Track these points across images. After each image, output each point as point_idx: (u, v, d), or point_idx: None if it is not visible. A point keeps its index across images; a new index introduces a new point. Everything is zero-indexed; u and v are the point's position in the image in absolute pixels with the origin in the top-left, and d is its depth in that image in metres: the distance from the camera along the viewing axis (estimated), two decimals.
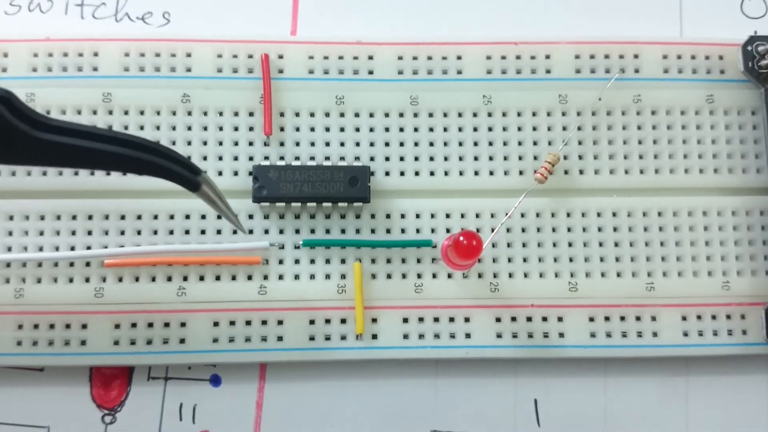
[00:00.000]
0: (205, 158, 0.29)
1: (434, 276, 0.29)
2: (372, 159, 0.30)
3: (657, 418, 0.29)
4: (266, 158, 0.29)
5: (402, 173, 0.30)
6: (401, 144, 0.30)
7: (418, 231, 0.29)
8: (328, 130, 0.30)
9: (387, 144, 0.30)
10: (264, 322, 0.28)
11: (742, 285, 0.29)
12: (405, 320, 0.29)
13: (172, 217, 0.29)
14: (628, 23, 0.33)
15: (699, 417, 0.30)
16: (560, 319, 0.29)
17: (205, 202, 0.24)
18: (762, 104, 0.30)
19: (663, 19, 0.33)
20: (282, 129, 0.30)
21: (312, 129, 0.30)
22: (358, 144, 0.30)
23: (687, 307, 0.29)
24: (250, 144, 0.29)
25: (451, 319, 0.29)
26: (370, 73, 0.30)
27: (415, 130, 0.30)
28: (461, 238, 0.26)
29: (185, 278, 0.28)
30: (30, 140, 0.21)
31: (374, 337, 0.28)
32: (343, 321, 0.28)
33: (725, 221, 0.30)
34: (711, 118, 0.30)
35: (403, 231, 0.29)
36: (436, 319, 0.29)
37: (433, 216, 0.29)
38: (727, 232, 0.30)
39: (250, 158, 0.29)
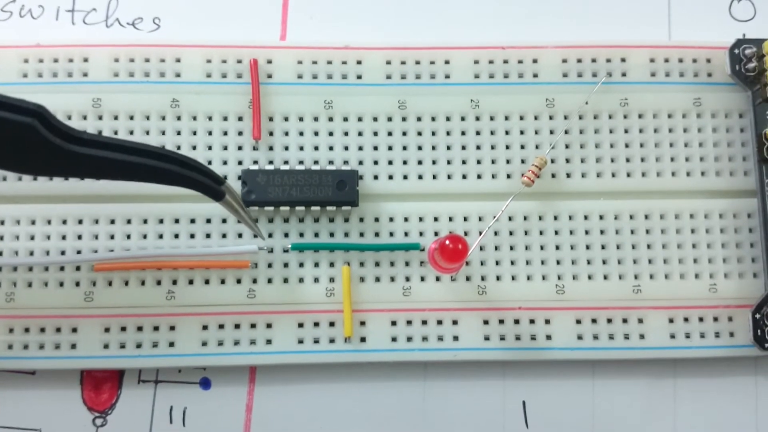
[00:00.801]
0: None
1: (422, 279, 0.29)
2: (360, 163, 0.30)
3: (645, 420, 0.30)
4: (255, 162, 0.29)
5: (390, 177, 0.30)
6: (389, 148, 0.30)
7: (406, 234, 0.29)
8: (316, 134, 0.30)
9: (375, 148, 0.30)
10: (253, 326, 0.28)
11: (729, 287, 0.29)
12: (393, 323, 0.29)
13: (161, 221, 0.29)
14: (616, 27, 0.33)
15: (686, 418, 0.30)
16: (547, 322, 0.29)
17: (227, 210, 0.25)
18: (749, 107, 0.30)
19: (651, 23, 0.33)
20: (271, 133, 0.30)
21: (301, 133, 0.30)
22: (346, 148, 0.30)
23: (674, 309, 0.29)
24: (239, 148, 0.30)
25: (439, 322, 0.29)
26: (359, 77, 0.30)
27: (404, 134, 0.30)
28: (447, 242, 0.26)
29: (174, 282, 0.28)
30: (64, 154, 0.22)
31: (363, 339, 0.28)
32: (332, 324, 0.28)
33: (712, 224, 0.30)
34: (698, 121, 0.31)
35: (391, 234, 0.29)
36: (424, 322, 0.29)
37: (421, 219, 0.29)
38: (714, 235, 0.30)
39: (239, 162, 0.29)
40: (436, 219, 0.29)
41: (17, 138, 0.21)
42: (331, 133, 0.30)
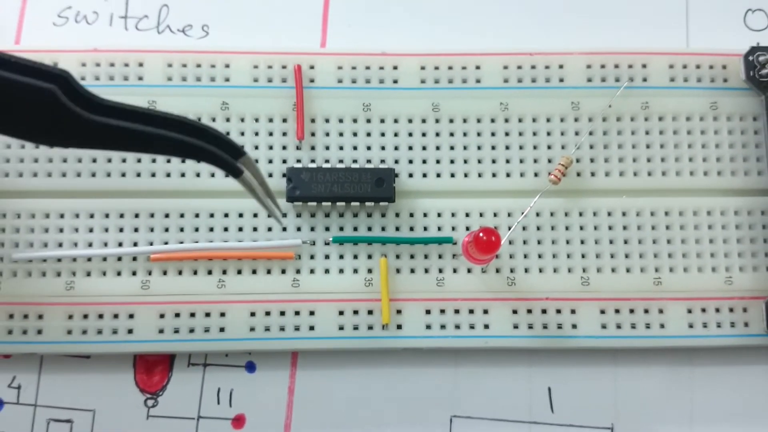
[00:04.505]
0: None
1: (455, 271, 0.30)
2: (396, 162, 0.31)
3: (664, 406, 0.31)
4: (299, 161, 0.31)
5: (425, 175, 0.31)
6: (424, 148, 0.31)
7: (439, 229, 0.31)
8: (355, 135, 0.31)
9: (410, 148, 0.31)
10: (297, 313, 0.30)
11: (743, 280, 0.30)
12: (428, 312, 0.30)
13: (212, 215, 0.30)
14: (637, 35, 0.34)
15: (703, 404, 0.31)
16: (573, 312, 0.30)
17: (244, 188, 0.24)
18: (763, 111, 0.31)
19: (670, 31, 0.34)
20: (313, 134, 0.31)
21: (341, 134, 0.31)
22: (383, 148, 0.31)
23: (692, 300, 0.30)
24: (284, 148, 0.31)
25: (471, 311, 0.30)
26: (395, 82, 0.32)
27: (437, 135, 0.31)
28: (481, 234, 0.27)
29: (224, 272, 0.30)
30: (82, 122, 0.21)
31: (399, 327, 0.30)
32: (370, 312, 0.30)
33: (728, 220, 0.31)
34: (715, 124, 0.32)
35: (425, 229, 0.31)
36: (457, 311, 0.30)
37: (453, 215, 0.31)
38: (729, 231, 0.31)
39: (284, 161, 0.31)
40: (467, 214, 0.31)
41: (36, 104, 0.20)
42: (369, 134, 0.31)
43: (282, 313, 0.30)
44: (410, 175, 0.31)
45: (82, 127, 0.21)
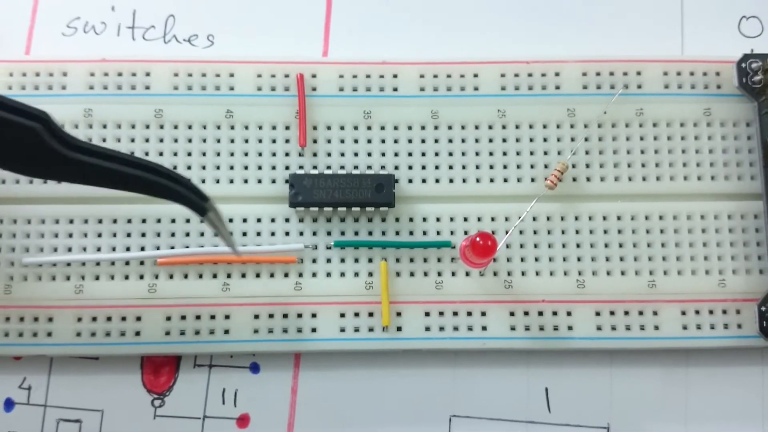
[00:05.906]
0: (246, 167, 0.31)
1: (453, 274, 0.31)
2: (396, 168, 0.32)
3: (659, 405, 0.31)
4: (301, 167, 0.31)
5: (424, 180, 0.32)
6: (423, 154, 0.32)
7: (438, 233, 0.31)
8: (356, 141, 0.32)
9: (410, 154, 0.32)
10: (299, 315, 0.30)
11: (736, 283, 0.31)
12: (427, 314, 0.30)
13: None
14: (632, 42, 0.34)
15: (698, 404, 0.31)
16: (569, 314, 0.30)
17: (208, 226, 0.25)
18: (755, 117, 0.32)
19: (665, 38, 0.34)
20: (315, 141, 0.32)
21: (342, 141, 0.32)
22: (383, 154, 0.32)
23: (686, 302, 0.31)
24: (287, 155, 0.32)
25: (469, 313, 0.30)
26: (395, 90, 0.32)
27: (436, 141, 0.32)
28: (478, 239, 0.27)
29: (229, 275, 0.30)
30: (63, 159, 0.22)
31: (399, 329, 0.30)
32: (371, 314, 0.30)
33: (721, 224, 0.31)
34: (708, 130, 0.32)
35: (424, 233, 0.31)
36: (455, 313, 0.30)
37: (452, 219, 0.31)
38: (723, 234, 0.31)
39: (287, 167, 0.31)
40: (465, 219, 0.31)
41: (21, 140, 0.21)
42: (369, 141, 0.32)
43: (285, 316, 0.30)
44: (410, 181, 0.32)
45: (65, 164, 0.22)
